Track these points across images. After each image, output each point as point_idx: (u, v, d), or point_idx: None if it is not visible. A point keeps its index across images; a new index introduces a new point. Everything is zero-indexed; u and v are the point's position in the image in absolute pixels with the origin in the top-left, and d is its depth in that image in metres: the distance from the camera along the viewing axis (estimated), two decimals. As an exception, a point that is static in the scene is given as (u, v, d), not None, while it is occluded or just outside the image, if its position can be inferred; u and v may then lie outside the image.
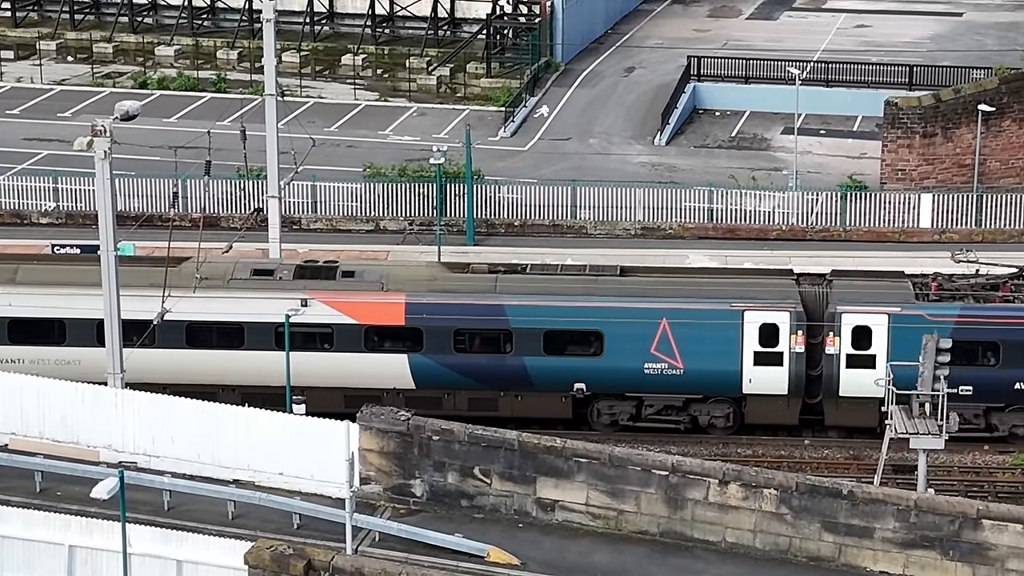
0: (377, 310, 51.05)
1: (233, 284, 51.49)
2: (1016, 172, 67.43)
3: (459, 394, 51.16)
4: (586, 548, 34.36)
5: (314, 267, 52.48)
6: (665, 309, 50.07)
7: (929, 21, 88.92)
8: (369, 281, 51.65)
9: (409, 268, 53.94)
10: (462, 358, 50.91)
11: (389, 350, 51.26)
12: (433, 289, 51.30)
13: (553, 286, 51.49)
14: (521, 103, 77.52)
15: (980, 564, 33.39)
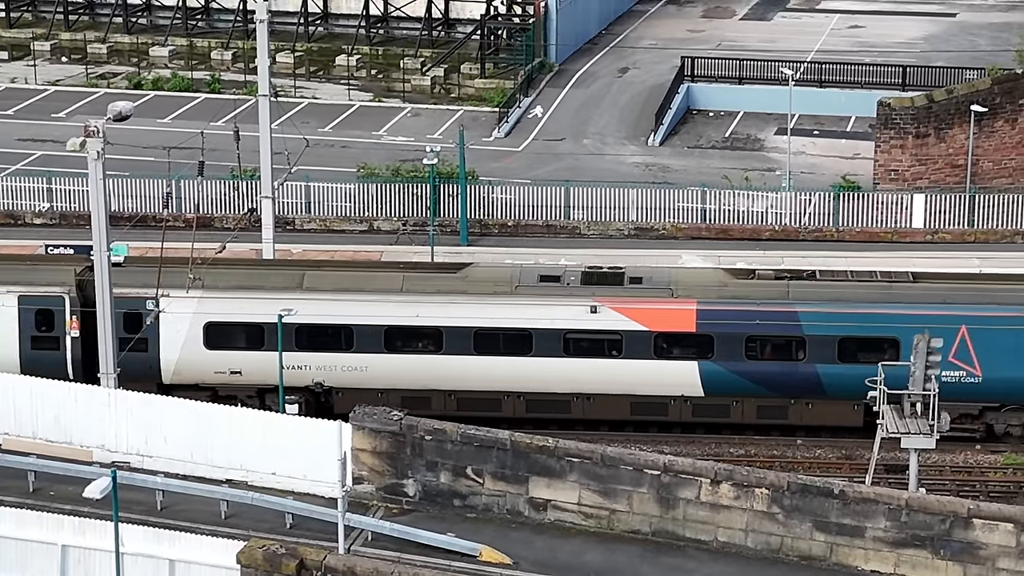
0: (667, 316, 50.49)
1: (520, 290, 51.07)
2: (1009, 173, 67.54)
3: (748, 402, 50.41)
4: (578, 547, 34.44)
5: (600, 272, 52.17)
6: (965, 316, 49.29)
7: (923, 22, 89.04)
8: (658, 287, 51.03)
9: (697, 274, 53.37)
10: (753, 365, 50.20)
11: (678, 357, 50.57)
12: (724, 296, 50.67)
13: (848, 293, 50.60)
14: (515, 104, 77.58)
15: (971, 563, 33.49)
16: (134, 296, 49.84)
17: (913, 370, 42.63)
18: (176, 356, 51.18)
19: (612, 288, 51.06)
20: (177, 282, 50.20)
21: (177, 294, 50.22)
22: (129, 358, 49.07)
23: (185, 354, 51.12)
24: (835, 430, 50.86)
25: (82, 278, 51.26)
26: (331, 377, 51.10)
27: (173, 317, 50.76)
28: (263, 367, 50.66)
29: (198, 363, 51.22)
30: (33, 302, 51.20)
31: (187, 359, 51.15)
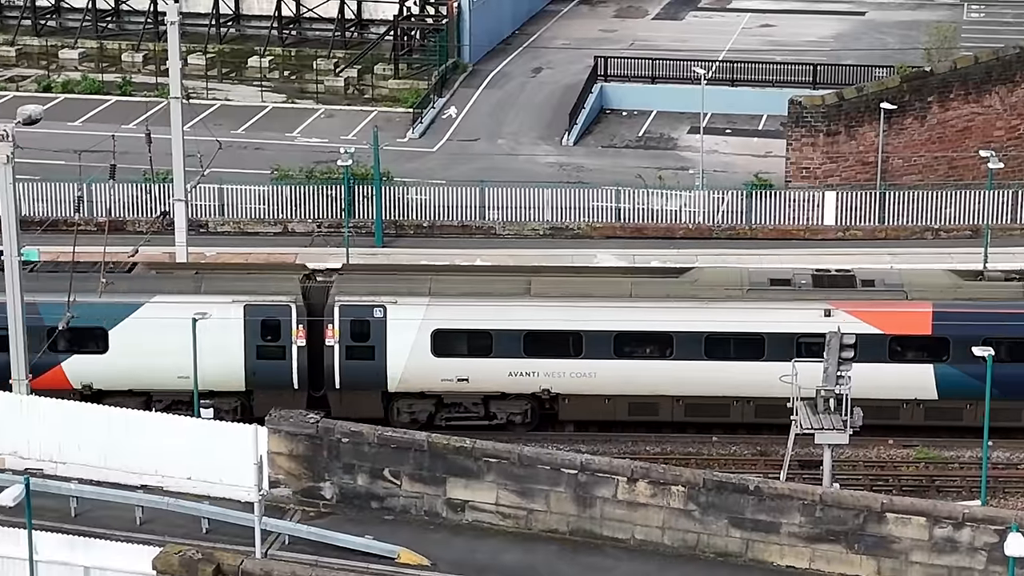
0: (902, 319, 49.96)
1: (752, 294, 50.51)
2: (918, 169, 68.28)
3: (982, 405, 48.55)
4: (496, 548, 34.48)
5: (830, 276, 51.71)
6: None
7: (832, 20, 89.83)
8: (892, 290, 50.52)
9: (927, 275, 52.48)
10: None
11: (912, 360, 50.09)
12: (959, 297, 50.21)
13: None
14: (429, 104, 77.54)
15: (885, 557, 33.84)
16: (360, 304, 49.92)
17: (826, 366, 43.02)
18: (403, 364, 50.61)
19: (845, 291, 50.62)
20: (403, 289, 50.23)
21: (405, 301, 50.12)
22: (355, 366, 49.81)
23: (412, 362, 50.56)
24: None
25: (306, 286, 51.03)
26: (558, 384, 50.69)
27: (401, 324, 50.30)
28: (490, 374, 50.43)
29: (425, 371, 50.63)
30: (259, 312, 50.45)
31: (414, 367, 50.60)
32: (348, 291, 50.47)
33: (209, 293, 50.47)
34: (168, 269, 53.18)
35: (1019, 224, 64.51)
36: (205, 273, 52.21)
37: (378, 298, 50.13)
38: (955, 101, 68.52)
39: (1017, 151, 68.79)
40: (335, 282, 51.10)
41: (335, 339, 50.32)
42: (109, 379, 50.59)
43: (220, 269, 53.85)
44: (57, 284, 48.92)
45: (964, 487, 48.61)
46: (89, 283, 49.47)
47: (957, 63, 69.44)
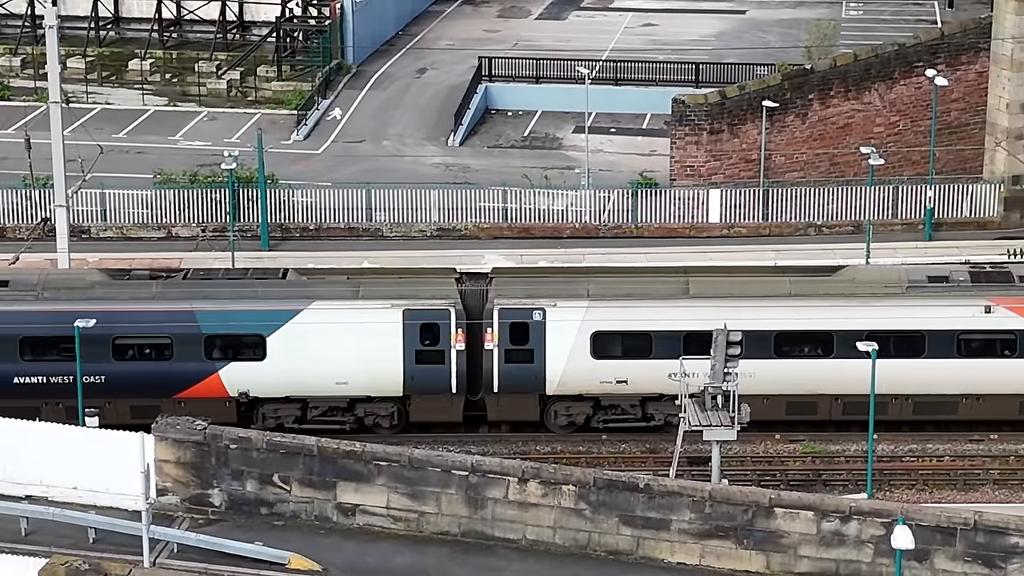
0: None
1: (912, 291, 50.21)
2: (800, 166, 69.03)
3: None
4: (388, 551, 34.40)
5: (987, 272, 51.40)
6: None
7: (714, 19, 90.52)
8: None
9: None
10: None
11: None
12: None
13: None
14: (313, 106, 77.15)
15: (773, 552, 34.16)
16: (520, 307, 49.58)
17: (713, 363, 43.34)
18: (562, 366, 50.23)
19: (1004, 287, 50.62)
20: (562, 291, 50.00)
21: (564, 304, 49.78)
22: (514, 370, 49.68)
23: (571, 364, 50.20)
24: None
25: (462, 289, 50.72)
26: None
27: (560, 327, 49.97)
28: (650, 375, 50.08)
29: (584, 373, 50.34)
30: (418, 316, 50.01)
31: (573, 369, 50.27)
32: (507, 294, 50.45)
33: (367, 298, 50.30)
34: (319, 274, 52.95)
35: (899, 219, 65.43)
36: (362, 278, 52.07)
37: (537, 301, 50.15)
38: (835, 98, 69.35)
39: (897, 147, 69.77)
40: (493, 285, 51.10)
41: (494, 342, 50.25)
42: (266, 386, 50.32)
43: (374, 274, 53.64)
44: (213, 291, 49.56)
45: (850, 480, 49.17)
46: (245, 290, 49.73)
47: (837, 61, 70.28)
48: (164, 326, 49.77)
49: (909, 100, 70.33)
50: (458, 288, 50.96)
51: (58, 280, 51.12)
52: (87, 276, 51.62)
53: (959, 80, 70.08)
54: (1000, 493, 48.60)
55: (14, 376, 49.43)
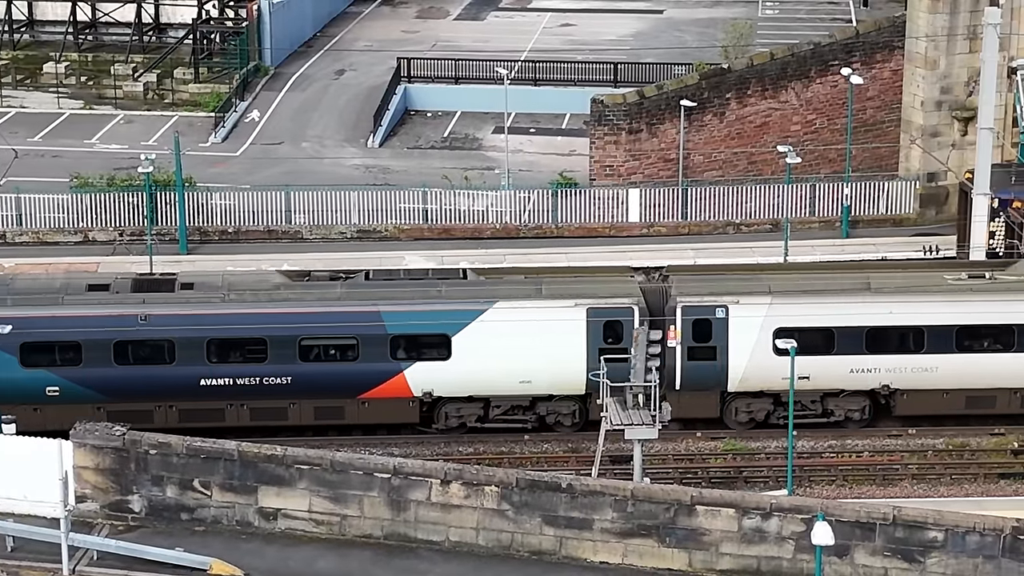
0: None
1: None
2: (719, 165, 69.41)
3: None
4: (310, 555, 34.27)
5: None
6: None
7: (631, 19, 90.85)
8: None
9: None
10: None
11: None
12: None
13: None
14: (231, 108, 76.73)
15: (696, 549, 34.31)
16: (703, 304, 49.62)
17: (634, 362, 43.48)
18: (744, 363, 50.16)
19: None
20: (744, 288, 50.01)
21: (747, 301, 49.78)
22: (696, 367, 49.84)
23: (753, 361, 50.12)
24: None
25: (643, 287, 50.65)
26: (898, 379, 50.60)
27: (743, 324, 49.90)
28: (831, 371, 50.13)
29: (766, 370, 50.21)
30: (602, 314, 49.93)
31: (755, 366, 50.18)
32: (690, 291, 50.53)
33: (551, 297, 50.38)
34: (497, 274, 53.08)
35: (817, 217, 65.92)
36: (542, 277, 52.01)
37: (720, 298, 50.24)
38: (753, 97, 69.79)
39: (813, 145, 70.31)
40: (674, 283, 51.11)
41: (677, 340, 50.23)
42: (450, 386, 50.57)
43: (550, 273, 53.51)
44: (398, 292, 50.02)
45: (771, 477, 49.48)
46: (430, 290, 50.16)
47: (754, 60, 70.72)
48: (350, 327, 49.97)
49: (825, 98, 70.90)
50: (640, 286, 51.27)
51: (243, 282, 51.38)
52: (270, 278, 51.97)
53: (874, 78, 70.72)
54: (918, 488, 49.07)
55: (201, 378, 49.62)
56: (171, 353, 49.52)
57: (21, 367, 49.31)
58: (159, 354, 49.72)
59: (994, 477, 49.47)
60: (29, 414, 48.38)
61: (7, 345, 49.05)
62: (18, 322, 49.05)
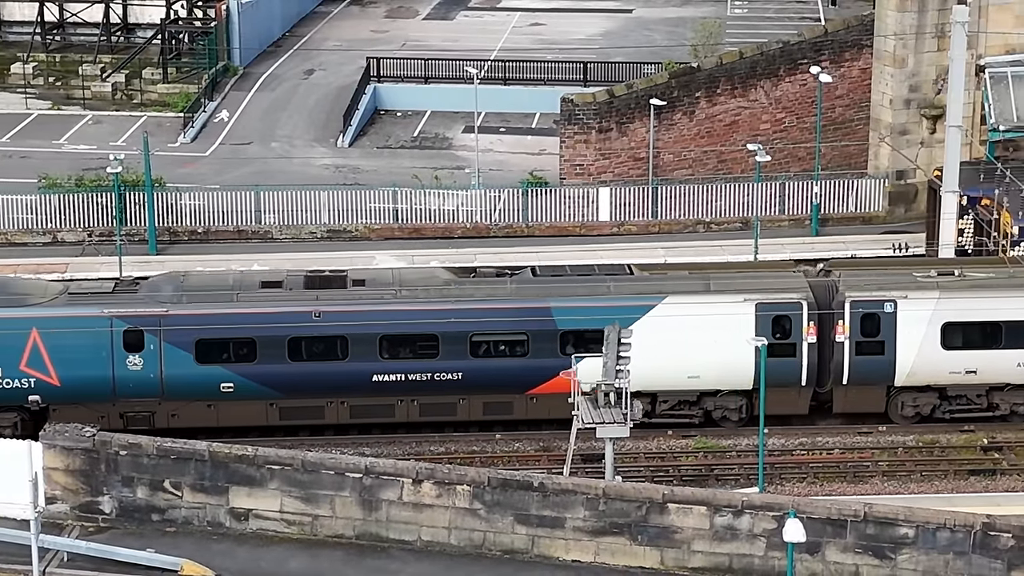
0: None
1: None
2: (688, 164, 69.49)
3: None
4: (281, 555, 34.19)
5: None
6: None
7: (601, 18, 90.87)
8: None
9: None
10: None
11: None
12: None
13: None
14: (200, 108, 76.51)
15: (667, 547, 34.35)
16: (871, 299, 49.66)
17: (605, 360, 43.49)
18: (912, 358, 50.19)
19: None
20: (912, 282, 50.05)
21: (915, 295, 49.76)
22: (864, 361, 50.05)
23: (921, 356, 50.16)
24: None
25: (812, 282, 50.67)
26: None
27: (911, 318, 49.91)
28: (999, 365, 50.25)
29: (933, 364, 50.36)
30: (771, 309, 50.03)
31: (923, 360, 50.23)
32: (858, 286, 50.55)
33: (719, 292, 50.36)
34: (660, 270, 53.09)
35: (787, 215, 66.07)
36: (710, 272, 52.11)
37: (888, 293, 50.24)
38: (722, 96, 69.90)
39: (783, 144, 70.45)
40: (842, 278, 51.11)
41: (845, 335, 50.28)
42: None
43: (718, 268, 53.51)
44: (567, 287, 50.50)
45: (742, 475, 49.56)
46: (599, 285, 50.51)
47: (723, 59, 70.84)
48: (520, 322, 50.08)
49: (794, 97, 71.04)
50: (807, 281, 51.34)
51: (414, 279, 51.58)
52: (438, 275, 52.12)
53: (843, 77, 70.90)
54: (889, 484, 49.19)
55: (373, 374, 49.88)
56: (344, 349, 49.81)
57: (196, 364, 49.64)
58: (332, 350, 50.04)
59: (964, 474, 49.61)
60: (202, 410, 49.59)
61: (183, 342, 49.31)
62: (194, 319, 49.45)
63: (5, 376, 49.16)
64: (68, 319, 49.20)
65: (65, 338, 48.98)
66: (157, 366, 49.24)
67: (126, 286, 51.00)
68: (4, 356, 49.02)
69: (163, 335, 49.33)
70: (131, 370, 49.32)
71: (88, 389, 49.33)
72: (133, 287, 50.86)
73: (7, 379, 49.17)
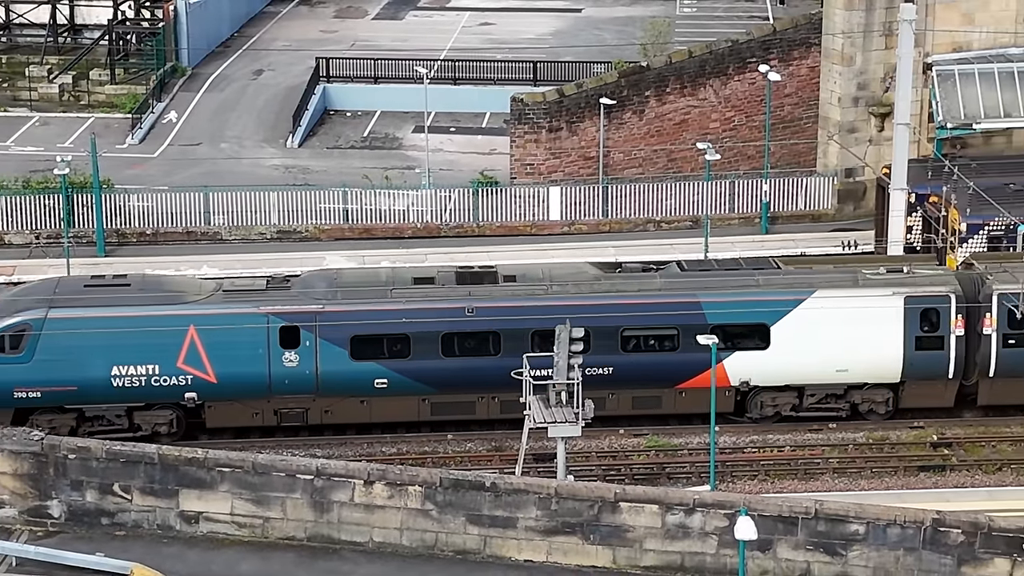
0: None
1: None
2: (639, 163, 69.62)
3: None
4: (232, 558, 34.03)
5: None
6: None
7: (550, 18, 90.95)
8: None
9: None
10: None
11: None
12: None
13: None
14: (148, 109, 76.14)
15: (620, 546, 34.35)
16: (1019, 292, 49.59)
17: (556, 360, 43.49)
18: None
19: None
20: None
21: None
22: (1012, 354, 50.52)
23: None
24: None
25: (960, 275, 50.73)
26: None
27: None
28: None
29: None
30: (920, 303, 50.09)
31: None
32: (1006, 279, 50.57)
33: (868, 286, 50.54)
34: (804, 264, 53.03)
35: (737, 213, 66.28)
36: (857, 266, 52.04)
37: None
38: (672, 95, 70.05)
39: (732, 142, 70.67)
40: (990, 271, 51.25)
41: (992, 327, 50.38)
42: (767, 375, 50.99)
43: (861, 262, 53.39)
44: (717, 282, 50.74)
45: (693, 473, 49.68)
46: (748, 280, 50.73)
47: (672, 57, 70.99)
48: (671, 317, 50.13)
49: (743, 95, 71.28)
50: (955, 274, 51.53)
51: (563, 274, 51.61)
52: (586, 270, 52.15)
53: (792, 75, 71.19)
54: (839, 481, 49.41)
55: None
56: (496, 344, 49.85)
57: (351, 360, 49.66)
58: (484, 346, 50.10)
59: (914, 470, 49.89)
60: (356, 407, 49.98)
61: (338, 338, 49.27)
62: (349, 315, 49.51)
63: (163, 373, 49.26)
64: (225, 316, 49.41)
65: (222, 335, 49.21)
66: (313, 362, 49.33)
67: (278, 283, 51.30)
68: (162, 353, 49.13)
69: (319, 331, 49.52)
70: (287, 367, 49.50)
71: (244, 386, 49.58)
72: (285, 284, 51.14)
73: (165, 376, 49.27)
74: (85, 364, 48.80)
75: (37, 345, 48.57)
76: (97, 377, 48.85)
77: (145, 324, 48.79)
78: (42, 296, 49.59)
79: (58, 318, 48.62)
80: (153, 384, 49.12)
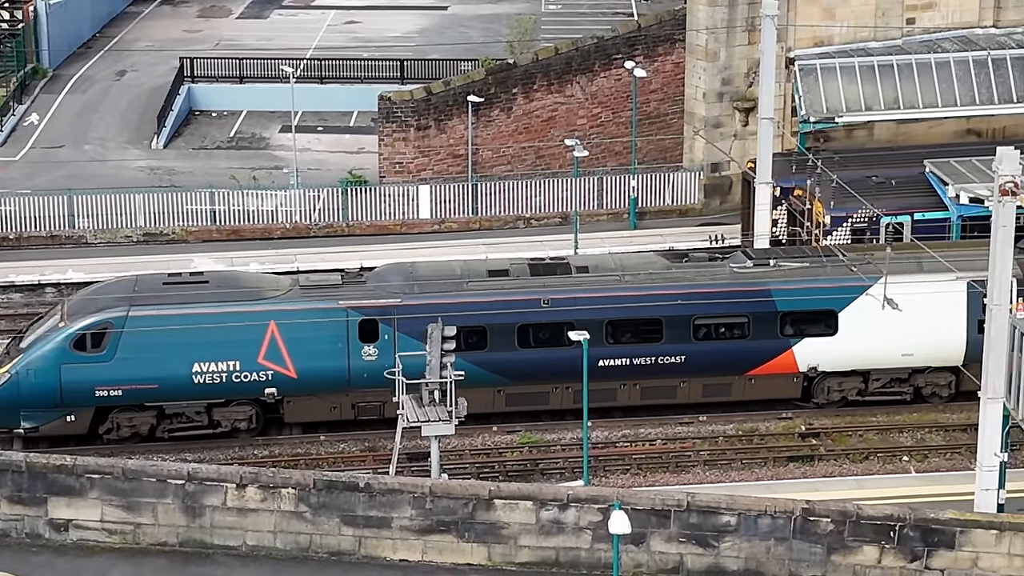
0: None
1: None
2: (507, 160, 69.77)
3: None
4: (103, 565, 33.69)
5: None
6: None
7: (416, 16, 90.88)
8: None
9: None
10: None
11: None
12: None
13: None
14: (9, 112, 74.93)
15: (495, 543, 34.49)
16: None
17: (429, 359, 43.48)
18: None
19: None
20: None
21: None
22: None
23: None
24: None
25: (1021, 259, 49.31)
26: None
27: None
28: None
29: None
30: (982, 287, 48.01)
31: None
32: None
33: (933, 271, 50.86)
34: (868, 250, 52.96)
35: (605, 209, 66.66)
36: (919, 252, 51.74)
37: None
38: (539, 92, 70.28)
39: (600, 139, 71.06)
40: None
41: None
42: (835, 360, 51.48)
43: (921, 248, 52.69)
44: (786, 271, 51.11)
45: (567, 468, 49.86)
46: (816, 267, 51.24)
47: (539, 55, 71.22)
48: (742, 304, 50.62)
49: (610, 92, 71.71)
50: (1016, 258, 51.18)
51: (636, 264, 51.75)
52: (656, 260, 52.28)
53: (657, 71, 71.74)
54: (710, 473, 49.87)
55: (599, 360, 49.61)
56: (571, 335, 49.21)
57: None
58: (559, 337, 49.72)
59: (783, 460, 50.45)
60: None
61: (416, 331, 48.41)
62: (427, 308, 49.13)
63: (244, 369, 48.90)
64: (305, 311, 49.22)
65: (303, 330, 49.02)
66: (391, 356, 48.65)
67: (352, 277, 51.23)
68: (243, 350, 48.79)
69: (397, 325, 49.37)
70: (366, 361, 49.36)
71: (324, 380, 49.43)
72: (359, 278, 51.08)
73: (246, 372, 48.92)
74: (167, 362, 48.60)
75: (119, 344, 48.21)
76: (179, 375, 48.65)
77: (226, 321, 48.70)
78: (122, 295, 49.34)
79: (140, 316, 48.43)
80: (234, 380, 49.04)
